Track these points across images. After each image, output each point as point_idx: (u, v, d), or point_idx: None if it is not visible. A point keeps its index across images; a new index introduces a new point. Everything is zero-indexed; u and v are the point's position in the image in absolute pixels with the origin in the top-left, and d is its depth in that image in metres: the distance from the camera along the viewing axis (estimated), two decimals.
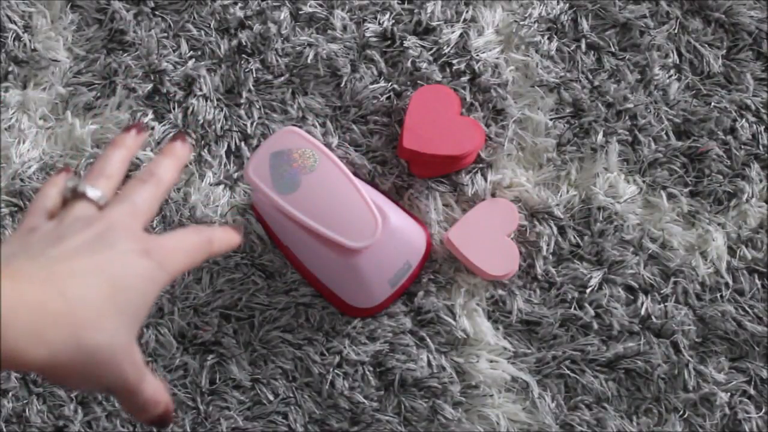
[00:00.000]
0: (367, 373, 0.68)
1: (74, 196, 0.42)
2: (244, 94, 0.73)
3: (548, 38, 0.73)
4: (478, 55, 0.73)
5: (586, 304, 0.68)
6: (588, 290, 0.68)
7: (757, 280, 0.69)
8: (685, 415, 0.67)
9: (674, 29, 0.73)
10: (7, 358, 0.34)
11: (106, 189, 0.44)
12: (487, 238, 0.68)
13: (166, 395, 0.42)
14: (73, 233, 0.39)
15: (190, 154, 0.49)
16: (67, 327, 0.36)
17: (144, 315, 0.39)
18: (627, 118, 0.71)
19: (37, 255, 0.38)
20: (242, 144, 0.72)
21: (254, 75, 0.73)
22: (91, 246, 0.39)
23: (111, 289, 0.37)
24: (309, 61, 0.73)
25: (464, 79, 0.72)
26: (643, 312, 0.68)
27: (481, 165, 0.71)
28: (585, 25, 0.73)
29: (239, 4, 0.74)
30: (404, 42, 0.73)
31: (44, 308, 0.35)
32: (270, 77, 0.73)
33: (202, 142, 0.72)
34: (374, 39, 0.73)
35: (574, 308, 0.68)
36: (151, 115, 0.72)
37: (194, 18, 0.74)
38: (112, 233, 0.39)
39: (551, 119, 0.72)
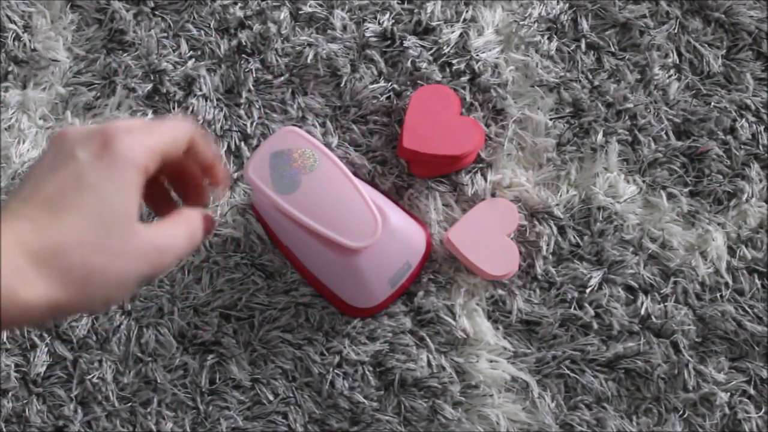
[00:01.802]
0: (367, 373, 0.68)
1: None
2: (244, 94, 0.73)
3: (548, 38, 0.73)
4: (478, 55, 0.73)
5: (586, 304, 0.68)
6: (588, 290, 0.68)
7: (757, 280, 0.69)
8: (685, 415, 0.67)
9: (674, 29, 0.73)
10: (6, 302, 0.34)
11: None
12: (487, 238, 0.68)
13: (199, 227, 0.42)
14: (34, 166, 0.39)
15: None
16: (52, 257, 0.36)
17: (131, 209, 0.39)
18: (627, 118, 0.71)
19: (9, 200, 0.38)
20: (242, 144, 0.72)
21: (254, 75, 0.73)
22: (53, 166, 0.38)
23: (83, 199, 0.37)
24: (309, 61, 0.73)
25: (464, 79, 0.72)
26: (643, 312, 0.68)
27: (481, 165, 0.71)
28: (585, 25, 0.73)
29: (239, 4, 0.74)
30: (404, 42, 0.73)
31: (23, 244, 0.35)
32: (270, 77, 0.73)
33: None
34: (374, 39, 0.73)
35: (574, 308, 0.68)
36: (151, 115, 0.72)
37: (194, 18, 0.74)
38: (68, 142, 0.39)
39: (551, 119, 0.72)
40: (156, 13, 0.75)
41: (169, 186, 0.48)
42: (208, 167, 0.47)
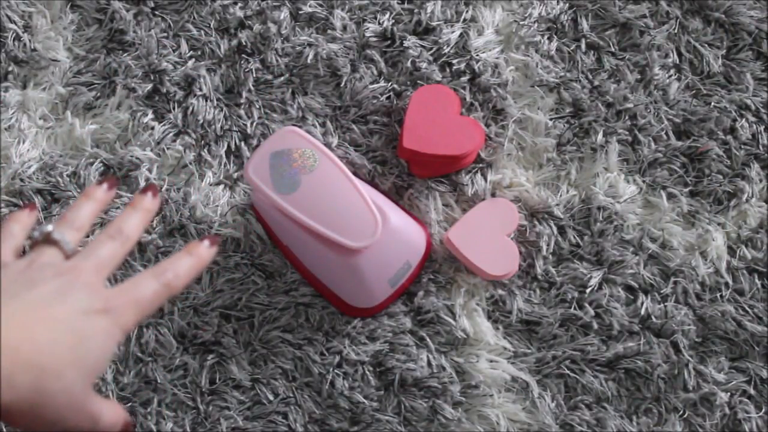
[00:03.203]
0: (367, 373, 0.68)
1: (45, 240, 0.45)
2: (244, 94, 0.73)
3: (548, 38, 0.73)
4: (478, 55, 0.73)
5: (586, 304, 0.68)
6: (588, 290, 0.68)
7: (757, 280, 0.69)
8: (685, 415, 0.67)
9: (674, 29, 0.73)
10: None
11: (74, 240, 0.47)
12: (487, 238, 0.68)
13: (120, 420, 0.46)
14: (43, 280, 0.42)
15: (158, 206, 0.51)
16: (34, 372, 0.38)
17: (101, 369, 0.42)
18: (627, 118, 0.71)
19: (14, 296, 0.40)
20: (242, 144, 0.72)
21: (254, 75, 0.73)
22: (60, 296, 0.41)
23: (74, 340, 0.40)
24: (309, 61, 0.73)
25: (464, 79, 0.72)
26: (643, 312, 0.68)
27: (481, 165, 0.71)
28: (585, 25, 0.73)
29: (239, 4, 0.74)
30: (404, 42, 0.73)
31: (17, 353, 0.38)
32: (270, 77, 0.73)
33: (202, 142, 0.72)
34: (374, 39, 0.73)
35: (574, 308, 0.68)
36: (151, 115, 0.72)
37: (194, 18, 0.74)
38: (78, 289, 0.42)
39: (551, 119, 0.72)
40: (156, 13, 0.75)
41: None
42: None
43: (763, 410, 0.67)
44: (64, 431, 0.41)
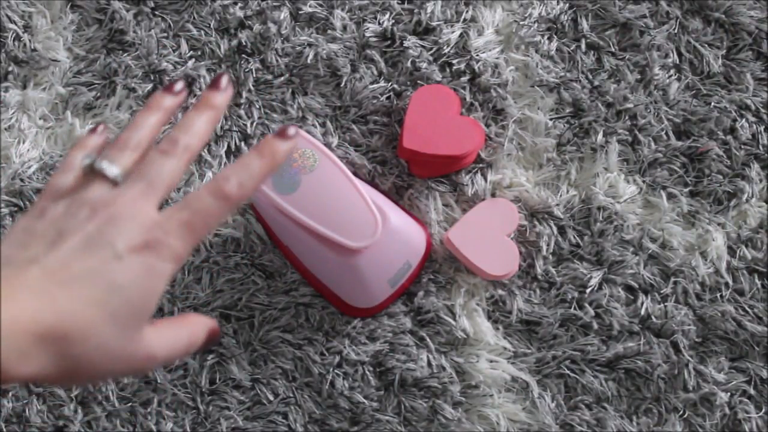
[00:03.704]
0: (367, 373, 0.68)
1: (91, 172, 0.40)
2: (244, 94, 0.73)
3: (548, 38, 0.73)
4: (478, 55, 0.73)
5: (586, 304, 0.68)
6: (588, 290, 0.68)
7: (757, 280, 0.69)
8: (685, 415, 0.67)
9: (674, 29, 0.73)
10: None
11: (128, 163, 0.41)
12: (487, 238, 0.68)
13: (197, 334, 0.41)
14: (74, 229, 0.38)
15: (229, 99, 0.44)
16: (56, 342, 0.36)
17: (148, 310, 0.38)
18: (627, 118, 0.71)
19: (33, 260, 0.37)
20: (242, 144, 0.72)
21: (254, 75, 0.73)
22: (88, 246, 0.38)
23: (104, 294, 0.37)
24: (309, 61, 0.73)
25: (464, 79, 0.72)
26: (643, 312, 0.68)
27: (481, 165, 0.71)
28: (585, 25, 0.73)
29: (239, 4, 0.74)
30: (404, 42, 0.73)
31: (35, 323, 0.35)
32: (270, 77, 0.73)
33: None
34: (374, 39, 0.73)
35: (574, 308, 0.68)
36: None
37: (194, 18, 0.74)
38: (112, 227, 0.38)
39: (551, 119, 0.72)
40: (156, 13, 0.75)
41: None
42: None
43: (763, 410, 0.67)
44: (120, 376, 0.38)
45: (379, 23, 0.73)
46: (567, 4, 0.74)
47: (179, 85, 0.44)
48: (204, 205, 0.40)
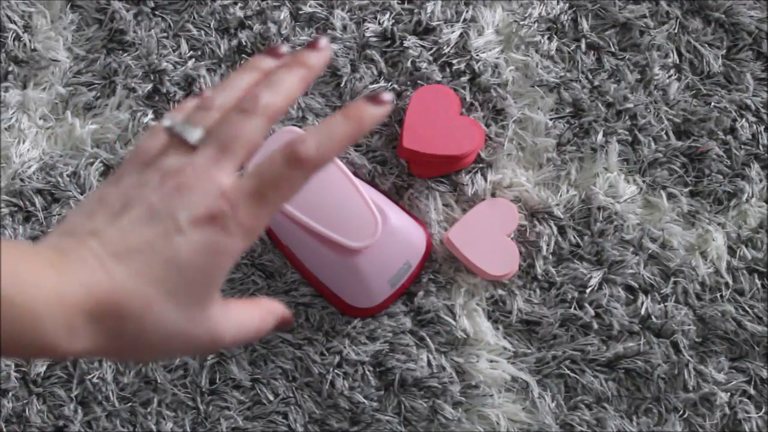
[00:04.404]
0: (367, 373, 0.68)
1: (172, 136, 0.37)
2: None
3: (548, 38, 0.73)
4: (478, 55, 0.73)
5: (586, 304, 0.68)
6: (588, 290, 0.68)
7: (757, 280, 0.69)
8: (685, 415, 0.67)
9: (674, 29, 0.73)
10: (45, 349, 0.33)
11: (211, 126, 0.37)
12: (487, 238, 0.68)
13: (267, 319, 0.39)
14: (139, 200, 0.35)
15: (326, 62, 0.40)
16: (109, 319, 0.34)
17: (213, 289, 0.36)
18: (627, 118, 0.71)
19: (94, 232, 0.35)
20: None
21: None
22: (150, 218, 0.35)
23: (163, 270, 0.34)
24: None
25: (464, 79, 0.72)
26: (643, 312, 0.68)
27: (481, 165, 0.71)
28: (585, 25, 0.73)
29: (239, 4, 0.74)
30: (404, 42, 0.73)
31: (87, 298, 0.33)
32: None
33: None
34: (374, 39, 0.73)
35: (574, 308, 0.68)
36: (151, 115, 0.72)
37: (194, 18, 0.74)
38: (177, 197, 0.35)
39: (551, 119, 0.72)
40: (156, 13, 0.75)
41: None
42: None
43: (763, 410, 0.67)
44: (177, 356, 0.37)
45: (379, 23, 0.73)
46: (567, 4, 0.74)
47: (284, 48, 0.40)
48: (276, 171, 0.36)
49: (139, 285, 0.34)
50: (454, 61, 0.72)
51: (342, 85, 0.72)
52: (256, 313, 0.40)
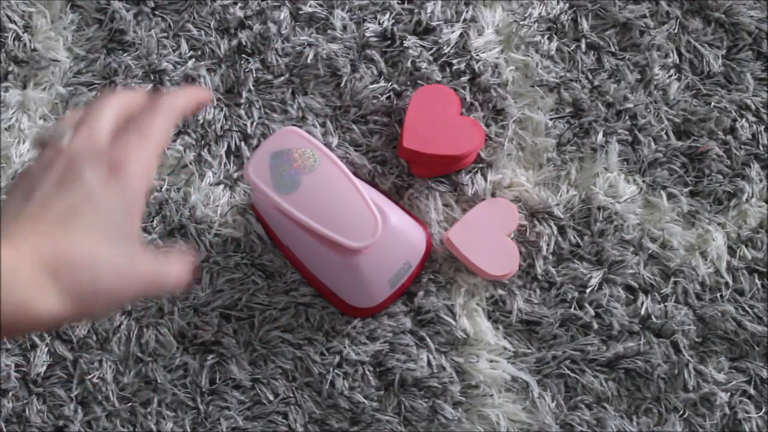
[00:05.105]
0: (367, 373, 0.68)
1: (43, 145, 0.43)
2: (244, 94, 0.73)
3: (548, 38, 0.73)
4: (478, 55, 0.73)
5: (586, 304, 0.68)
6: (588, 290, 0.68)
7: (757, 280, 0.69)
8: (685, 415, 0.67)
9: (674, 29, 0.73)
10: (19, 310, 0.36)
11: (70, 128, 0.43)
12: (487, 238, 0.68)
13: (184, 266, 0.43)
14: (38, 182, 0.40)
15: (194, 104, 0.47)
16: (66, 272, 0.37)
17: (135, 230, 0.41)
18: (627, 118, 0.71)
19: (27, 215, 0.39)
20: (242, 144, 0.72)
21: (254, 75, 0.73)
22: (62, 185, 0.39)
23: (91, 221, 0.39)
24: (309, 61, 0.73)
25: (464, 79, 0.72)
26: (643, 312, 0.68)
27: (481, 165, 0.71)
28: (585, 25, 0.73)
29: (239, 4, 0.74)
30: (404, 42, 0.73)
31: (40, 256, 0.37)
32: (270, 77, 0.73)
33: (202, 142, 0.72)
34: (374, 39, 0.73)
35: (574, 308, 0.68)
36: None
37: (194, 18, 0.74)
38: (75, 163, 0.40)
39: (551, 119, 0.72)
40: (156, 13, 0.75)
41: None
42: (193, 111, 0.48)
43: (763, 410, 0.67)
44: (130, 299, 0.41)
45: (379, 23, 0.73)
46: (567, 4, 0.74)
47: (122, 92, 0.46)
48: (152, 124, 0.43)
49: (78, 237, 0.38)
50: (454, 61, 0.72)
51: (342, 85, 0.72)
52: (175, 264, 0.44)
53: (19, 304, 0.36)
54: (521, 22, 0.73)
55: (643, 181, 0.71)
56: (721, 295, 0.68)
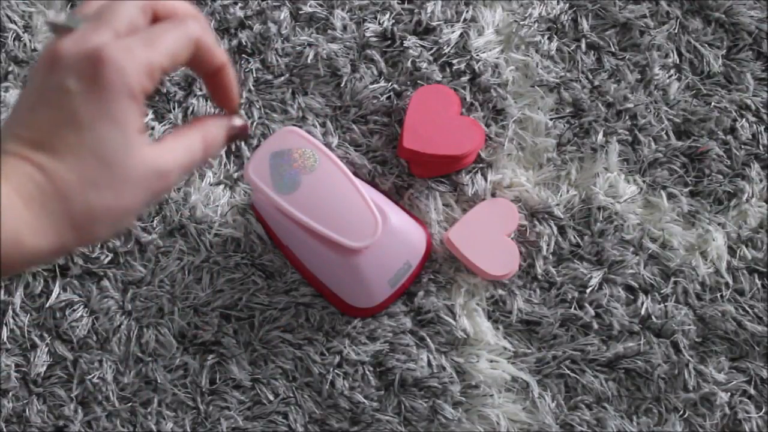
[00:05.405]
0: (367, 373, 0.68)
1: (55, 31, 0.40)
2: (244, 94, 0.73)
3: (548, 38, 0.73)
4: (478, 55, 0.73)
5: (586, 304, 0.68)
6: (588, 290, 0.68)
7: (757, 280, 0.69)
8: (685, 415, 0.67)
9: (674, 29, 0.73)
10: (8, 241, 0.35)
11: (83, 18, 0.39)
12: (487, 238, 0.68)
13: (213, 135, 0.41)
14: (29, 92, 0.38)
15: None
16: (58, 202, 0.36)
17: (129, 130, 0.38)
18: (627, 118, 0.71)
19: (14, 137, 0.37)
20: (242, 144, 0.72)
21: (254, 75, 0.73)
22: (45, 99, 0.37)
23: (79, 140, 0.36)
24: (309, 61, 0.73)
25: (464, 79, 0.72)
26: (643, 312, 0.68)
27: (481, 165, 0.71)
28: (585, 25, 0.73)
29: (239, 4, 0.74)
30: (404, 42, 0.73)
31: (39, 183, 0.36)
32: (270, 77, 0.73)
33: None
34: (374, 39, 0.73)
35: (574, 308, 0.68)
36: (151, 115, 0.72)
37: None
38: (61, 70, 0.37)
39: (551, 119, 0.72)
40: None
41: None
42: (215, 73, 0.43)
43: (763, 410, 0.67)
44: (139, 208, 0.39)
45: (379, 23, 0.73)
46: (567, 4, 0.74)
47: None
48: (157, 31, 0.39)
49: (67, 164, 0.36)
50: (454, 61, 0.72)
51: (342, 85, 0.72)
52: (195, 135, 0.41)
53: (9, 239, 0.35)
54: (521, 22, 0.73)
55: (643, 181, 0.71)
56: (721, 295, 0.68)
